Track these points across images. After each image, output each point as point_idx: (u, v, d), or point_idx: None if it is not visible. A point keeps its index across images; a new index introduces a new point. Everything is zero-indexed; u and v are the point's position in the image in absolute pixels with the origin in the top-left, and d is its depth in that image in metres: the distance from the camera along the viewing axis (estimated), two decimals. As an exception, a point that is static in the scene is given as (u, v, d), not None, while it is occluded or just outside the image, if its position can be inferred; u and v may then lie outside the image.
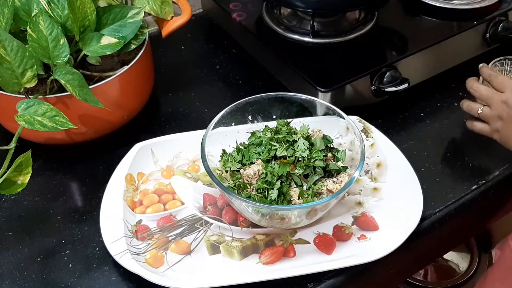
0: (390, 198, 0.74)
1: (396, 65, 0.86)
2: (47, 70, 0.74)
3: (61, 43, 0.72)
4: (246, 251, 0.69)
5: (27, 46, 0.70)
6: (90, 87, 0.73)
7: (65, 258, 0.71)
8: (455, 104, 0.90)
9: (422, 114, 0.89)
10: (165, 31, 0.86)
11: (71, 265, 0.70)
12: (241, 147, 0.74)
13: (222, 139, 0.75)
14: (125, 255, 0.67)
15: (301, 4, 0.89)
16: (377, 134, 0.80)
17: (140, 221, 0.73)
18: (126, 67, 0.78)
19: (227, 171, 0.72)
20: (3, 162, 0.68)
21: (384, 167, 0.77)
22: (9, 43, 0.68)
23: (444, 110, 0.90)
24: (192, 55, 1.03)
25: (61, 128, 0.69)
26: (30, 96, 0.72)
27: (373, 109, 0.87)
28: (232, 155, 0.73)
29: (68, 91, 0.71)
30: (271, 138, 0.72)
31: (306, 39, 0.92)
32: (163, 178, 0.78)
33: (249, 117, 0.77)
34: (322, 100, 0.77)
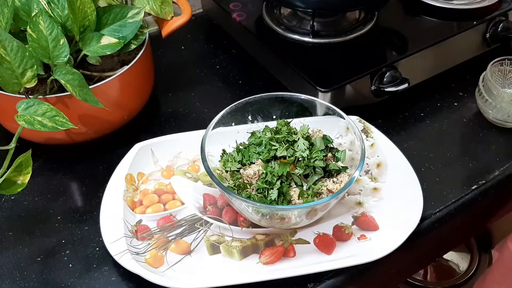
0: (390, 198, 0.74)
1: (396, 65, 0.86)
2: (47, 70, 0.74)
3: (61, 43, 0.72)
4: (246, 251, 0.69)
5: (27, 46, 0.70)
6: (90, 87, 0.73)
7: (65, 258, 0.71)
8: (455, 104, 0.91)
9: (422, 114, 0.89)
10: (165, 31, 0.86)
11: (71, 265, 0.70)
12: (241, 147, 0.74)
13: (222, 139, 0.75)
14: (125, 255, 0.67)
15: (301, 4, 0.89)
16: (377, 134, 0.80)
17: (140, 221, 0.73)
18: (126, 67, 0.78)
19: (227, 171, 0.72)
20: (3, 162, 0.68)
21: (384, 167, 0.77)
22: (9, 43, 0.68)
23: (444, 110, 0.90)
24: (192, 55, 1.03)
25: (61, 128, 0.69)
26: (30, 96, 0.72)
27: (373, 109, 0.87)
28: (232, 155, 0.73)
29: (68, 91, 0.71)
30: (271, 138, 0.72)
31: (306, 39, 0.92)
32: (163, 178, 0.78)
33: (249, 117, 0.77)
34: (322, 100, 0.76)
